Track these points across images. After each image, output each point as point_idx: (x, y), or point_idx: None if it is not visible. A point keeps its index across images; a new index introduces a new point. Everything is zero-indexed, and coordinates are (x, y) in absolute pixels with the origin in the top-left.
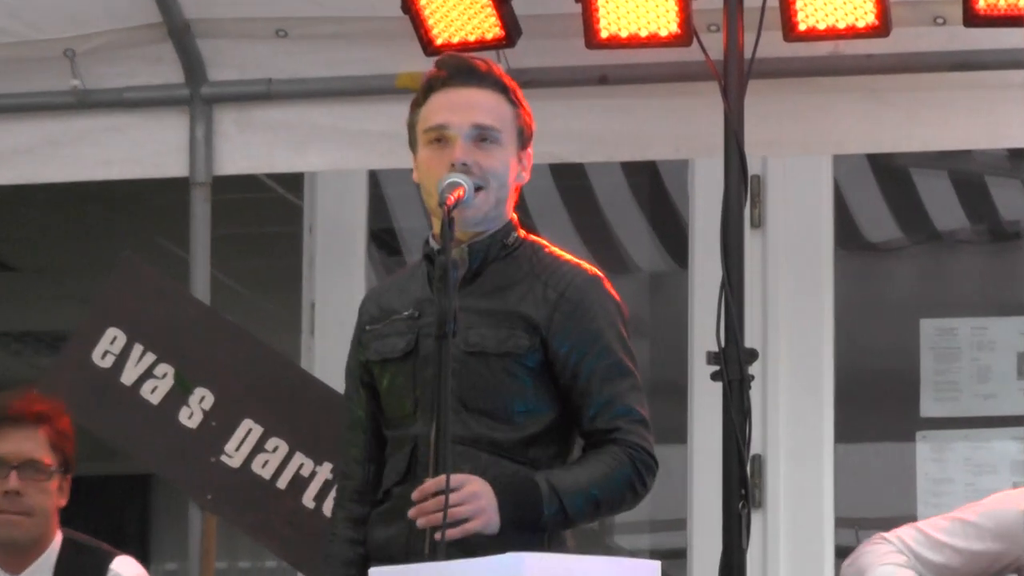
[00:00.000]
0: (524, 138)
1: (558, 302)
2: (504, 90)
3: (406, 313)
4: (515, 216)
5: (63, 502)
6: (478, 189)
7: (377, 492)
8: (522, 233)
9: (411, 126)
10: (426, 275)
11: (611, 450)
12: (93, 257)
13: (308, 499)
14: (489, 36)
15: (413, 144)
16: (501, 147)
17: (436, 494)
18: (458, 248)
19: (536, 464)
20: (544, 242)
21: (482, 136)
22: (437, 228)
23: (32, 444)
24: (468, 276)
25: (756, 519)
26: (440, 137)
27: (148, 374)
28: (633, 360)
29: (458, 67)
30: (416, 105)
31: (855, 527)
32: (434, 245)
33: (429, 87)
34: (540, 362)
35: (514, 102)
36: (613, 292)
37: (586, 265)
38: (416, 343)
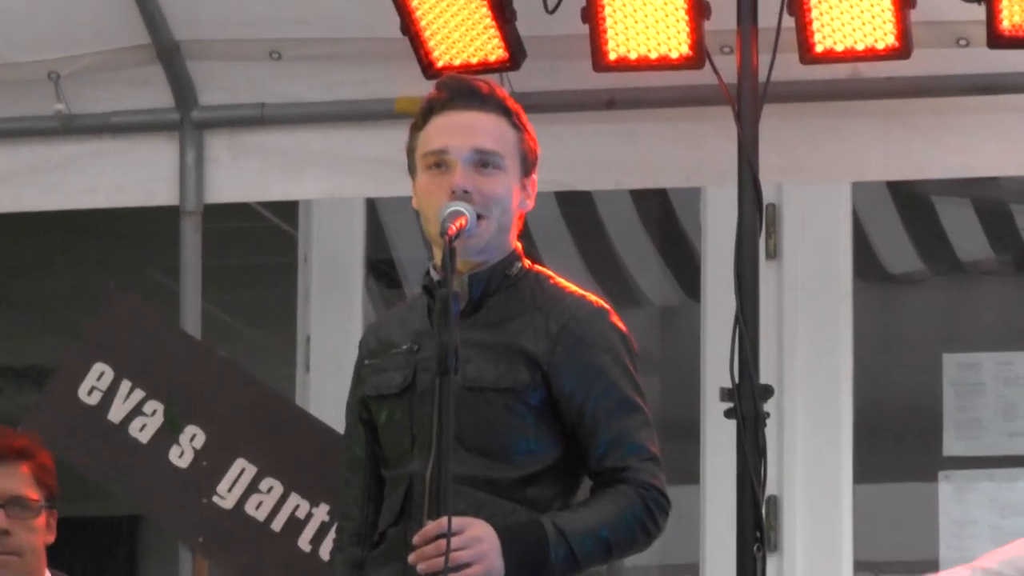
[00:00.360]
0: (528, 164)
1: (559, 335)
2: (507, 113)
3: (404, 347)
4: (519, 245)
5: (51, 538)
6: (479, 218)
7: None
8: (527, 263)
9: (410, 150)
10: (426, 307)
11: (621, 489)
12: (79, 289)
13: (304, 542)
14: (492, 58)
15: (412, 169)
16: (503, 173)
17: (437, 537)
18: (458, 279)
19: (535, 504)
20: (550, 273)
21: (483, 161)
22: (438, 258)
23: (16, 480)
24: (468, 308)
25: (772, 563)
26: (439, 162)
27: (137, 411)
28: (642, 395)
29: (459, 89)
30: (415, 128)
31: (875, 571)
32: (435, 276)
33: (429, 110)
34: (543, 399)
35: (517, 126)
36: (620, 324)
37: (591, 297)
38: (414, 378)
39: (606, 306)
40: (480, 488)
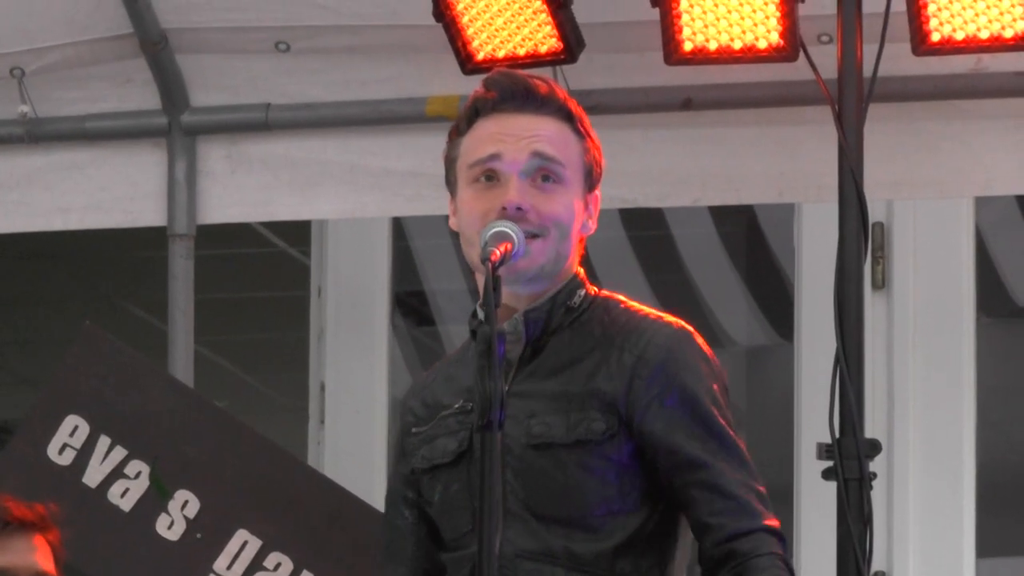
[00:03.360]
0: (592, 178)
1: (636, 367)
2: (570, 118)
3: (456, 406)
4: (581, 271)
5: None
6: (534, 237)
7: None
8: (592, 289)
9: (449, 161)
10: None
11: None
12: (48, 329)
13: None
14: (543, 49)
15: (451, 184)
16: (565, 188)
17: None
18: (510, 320)
19: None
20: (620, 297)
21: (544, 173)
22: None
23: (36, 555)
24: (526, 353)
25: None
26: (489, 173)
27: (117, 473)
28: (734, 428)
29: (512, 88)
30: (457, 134)
31: None
32: (482, 316)
33: (475, 112)
34: (624, 449)
35: (581, 133)
36: (706, 347)
37: (669, 318)
38: (470, 442)
39: (688, 327)
40: (561, 565)
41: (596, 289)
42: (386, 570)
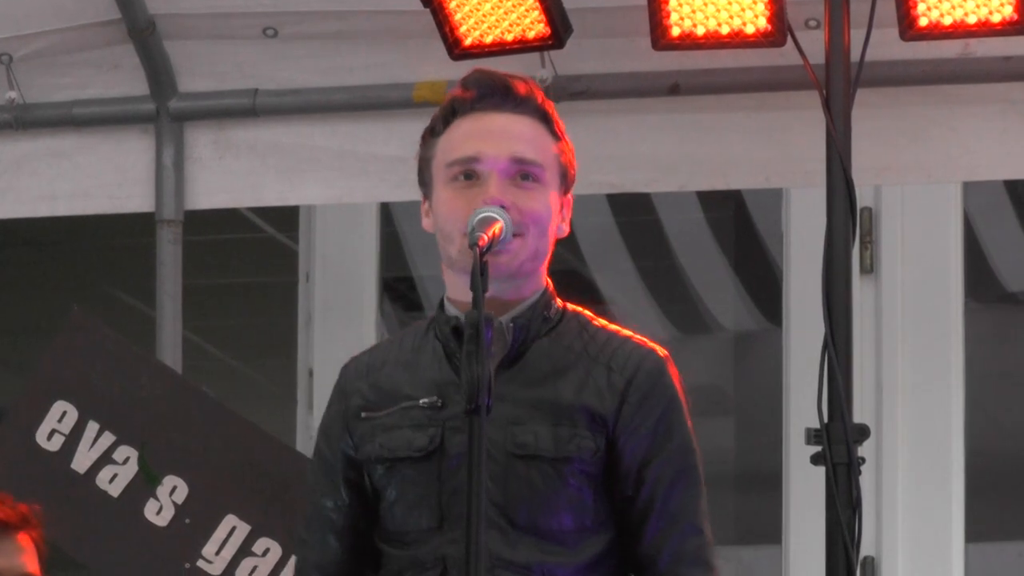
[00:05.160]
0: (567, 181)
1: (626, 392)
2: (546, 119)
3: (424, 401)
4: (550, 282)
5: None
6: (514, 236)
7: None
8: (559, 302)
9: (424, 161)
10: (444, 353)
11: None
12: (35, 314)
13: None
14: (531, 35)
15: (426, 184)
16: (543, 188)
17: None
18: (498, 321)
19: None
20: (588, 313)
21: (523, 172)
22: (455, 289)
23: (22, 556)
24: (505, 359)
25: None
26: (468, 172)
27: (106, 459)
28: (697, 455)
29: (491, 87)
30: (432, 134)
31: None
32: (455, 312)
33: (451, 111)
34: (603, 468)
35: (556, 135)
36: (679, 377)
37: (651, 344)
38: (442, 440)
39: (666, 353)
40: None
41: (562, 302)
42: (309, 540)
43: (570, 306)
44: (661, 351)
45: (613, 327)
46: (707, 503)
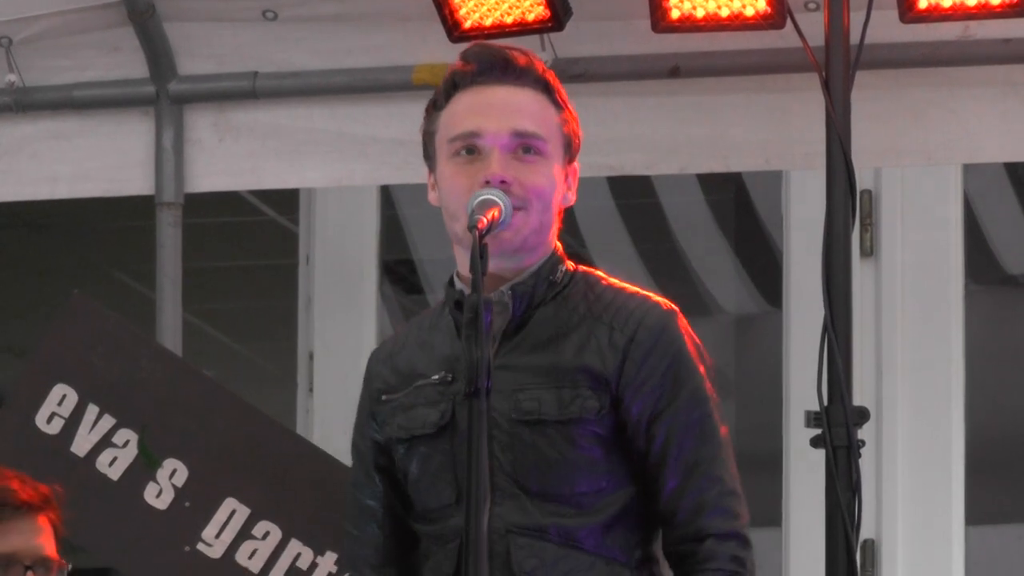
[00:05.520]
0: (571, 150)
1: (628, 348)
2: (548, 90)
3: (435, 377)
4: (560, 245)
5: None
6: (516, 211)
7: None
8: (571, 265)
9: (427, 135)
10: (454, 327)
11: None
12: (34, 297)
13: None
14: (531, 17)
15: (430, 158)
16: (546, 160)
17: None
18: (496, 291)
19: (615, 555)
20: (600, 273)
21: (524, 146)
22: (464, 264)
23: (41, 537)
24: (511, 327)
25: None
26: (470, 147)
27: (105, 442)
28: (720, 411)
29: (491, 60)
30: (435, 108)
31: None
32: (460, 287)
33: (453, 85)
34: (613, 426)
35: (559, 104)
36: (690, 329)
37: (656, 297)
38: (452, 414)
39: (674, 307)
40: (551, 540)
41: (574, 264)
42: (356, 534)
43: (584, 268)
44: (667, 304)
45: (622, 285)
46: (730, 451)
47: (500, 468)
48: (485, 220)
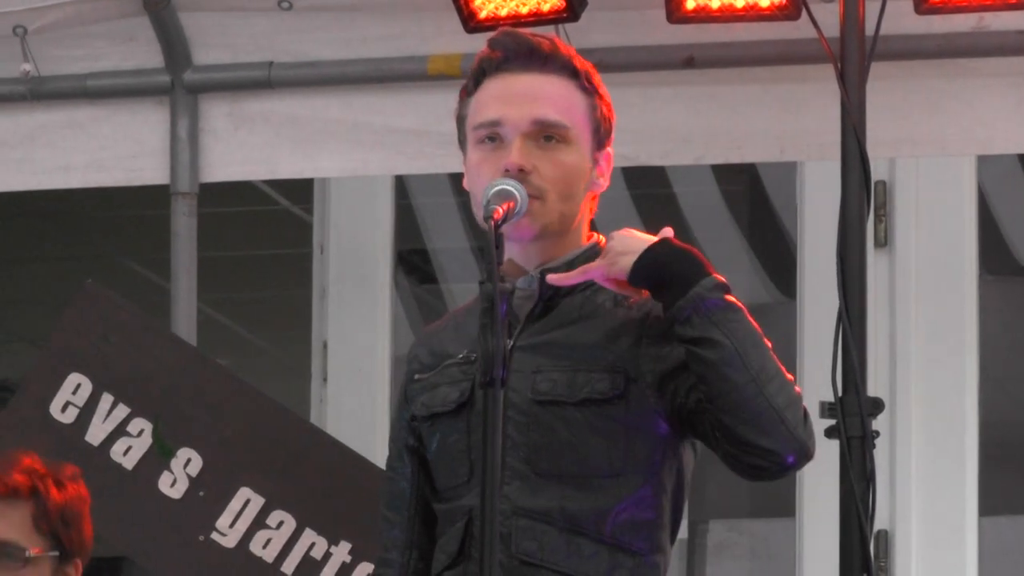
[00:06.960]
0: (602, 135)
1: (642, 325)
2: (575, 75)
3: (460, 356)
4: (603, 239)
5: None
6: (533, 199)
7: None
8: None
9: (460, 119)
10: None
11: None
12: (49, 287)
13: None
14: (546, 8)
15: (463, 142)
16: (570, 147)
17: None
18: (525, 276)
19: (622, 544)
20: None
21: (547, 134)
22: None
23: (7, 524)
24: (537, 310)
25: None
26: (492, 135)
27: (120, 432)
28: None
29: (516, 47)
30: (466, 93)
31: None
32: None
33: (481, 72)
34: (637, 412)
35: (588, 89)
36: None
37: None
38: (471, 392)
39: None
40: (554, 524)
41: None
42: (390, 518)
43: None
44: None
45: None
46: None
47: (514, 448)
48: (500, 210)
